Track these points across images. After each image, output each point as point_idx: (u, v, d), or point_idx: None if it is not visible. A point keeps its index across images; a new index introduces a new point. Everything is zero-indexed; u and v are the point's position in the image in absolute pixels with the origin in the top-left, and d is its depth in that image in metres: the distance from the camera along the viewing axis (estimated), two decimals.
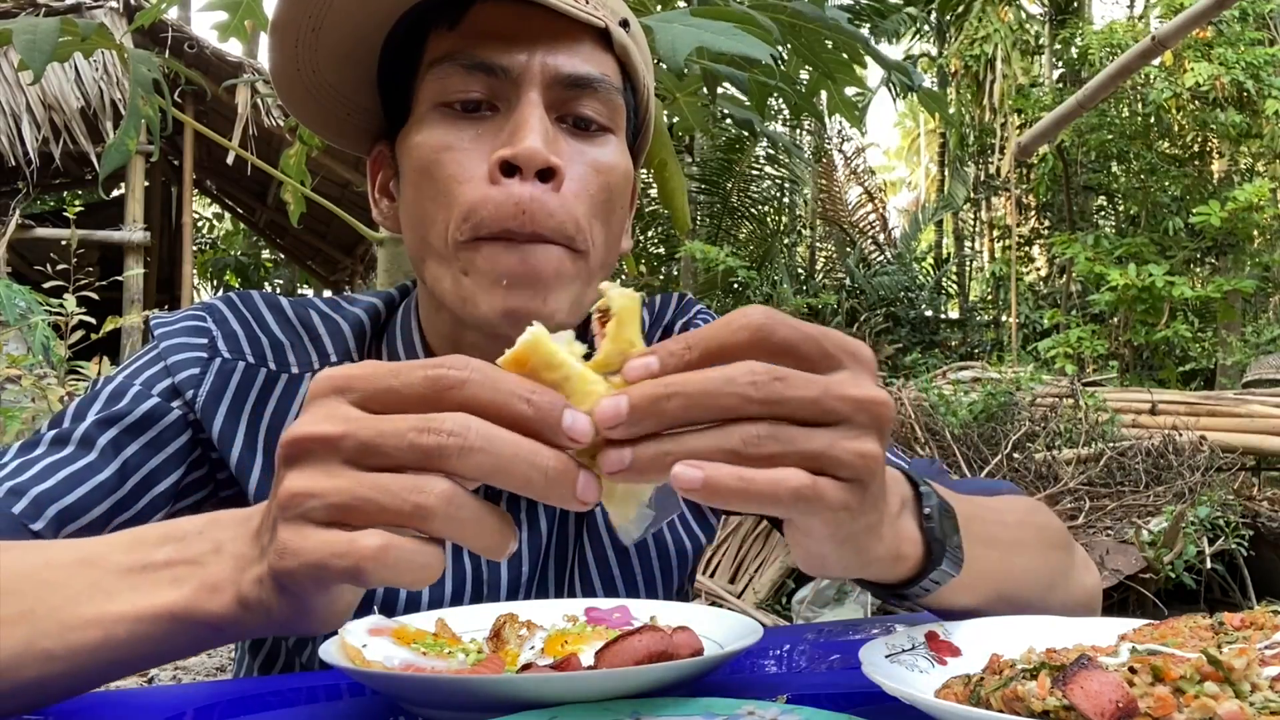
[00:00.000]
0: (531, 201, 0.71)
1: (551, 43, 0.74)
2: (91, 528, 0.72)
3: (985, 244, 15.55)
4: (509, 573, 0.83)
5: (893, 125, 29.04)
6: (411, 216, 0.77)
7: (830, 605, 3.76)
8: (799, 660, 0.82)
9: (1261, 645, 0.53)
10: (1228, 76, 8.90)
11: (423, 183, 0.75)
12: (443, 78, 0.74)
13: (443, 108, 0.74)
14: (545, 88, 0.73)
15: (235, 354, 0.81)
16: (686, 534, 0.91)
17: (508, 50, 0.73)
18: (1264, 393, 5.37)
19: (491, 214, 0.71)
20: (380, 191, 0.85)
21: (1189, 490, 4.19)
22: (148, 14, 1.73)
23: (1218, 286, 8.26)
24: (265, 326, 0.84)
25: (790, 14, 1.42)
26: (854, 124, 2.12)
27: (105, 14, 8.13)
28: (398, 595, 0.80)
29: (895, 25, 11.90)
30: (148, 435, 0.77)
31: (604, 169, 0.76)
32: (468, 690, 0.54)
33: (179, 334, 0.82)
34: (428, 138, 0.74)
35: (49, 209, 12.08)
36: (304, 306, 0.87)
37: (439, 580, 0.81)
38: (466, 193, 0.72)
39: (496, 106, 0.74)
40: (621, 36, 0.77)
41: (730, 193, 11.80)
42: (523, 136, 0.71)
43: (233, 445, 0.79)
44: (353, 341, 0.85)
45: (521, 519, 0.84)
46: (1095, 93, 4.71)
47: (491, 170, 0.71)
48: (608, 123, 0.77)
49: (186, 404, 0.79)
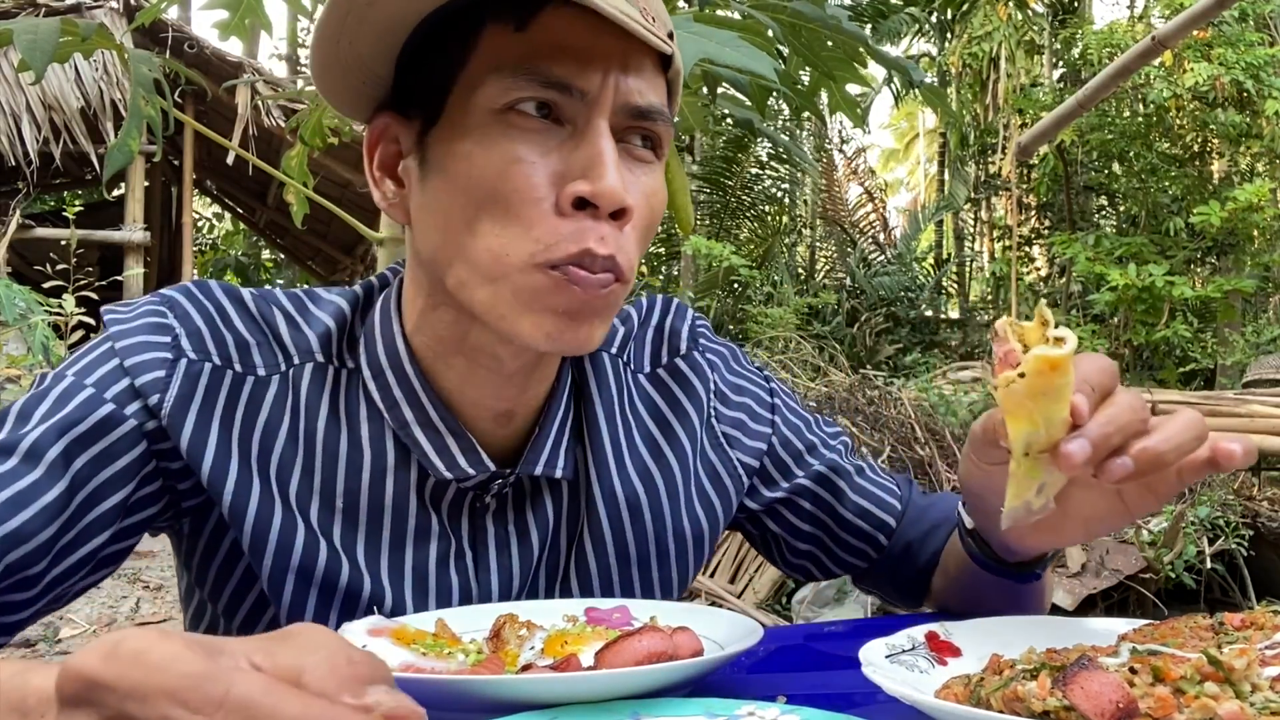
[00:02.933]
0: (603, 241, 0.69)
1: (622, 65, 0.71)
2: (36, 553, 0.68)
3: (985, 244, 15.55)
4: (499, 583, 0.82)
5: (881, 127, 29.07)
6: (445, 222, 0.72)
7: (830, 605, 3.76)
8: (799, 660, 0.82)
9: (1262, 645, 0.53)
10: (1227, 77, 8.89)
11: (479, 195, 0.70)
12: (509, 89, 0.69)
13: (507, 114, 0.70)
14: (613, 113, 0.71)
15: (201, 354, 0.76)
16: (694, 550, 0.90)
17: (583, 70, 0.69)
18: (1264, 393, 5.36)
19: (567, 249, 0.69)
20: (382, 169, 0.79)
21: (1189, 490, 4.18)
22: (147, 13, 1.73)
23: (1218, 287, 8.25)
24: (229, 323, 0.79)
25: (790, 14, 1.42)
26: (856, 123, 2.12)
27: (105, 14, 8.14)
28: (382, 601, 0.78)
29: (896, 25, 11.90)
30: (99, 446, 0.71)
31: (654, 200, 0.75)
32: (468, 691, 0.54)
33: (139, 331, 0.75)
34: (489, 149, 0.70)
35: (49, 209, 12.08)
36: (267, 302, 0.82)
37: (425, 592, 0.80)
38: (535, 219, 0.69)
39: (562, 121, 0.70)
40: (678, 60, 0.76)
41: (731, 192, 11.81)
42: (601, 174, 0.68)
43: (204, 454, 0.74)
44: (316, 343, 0.81)
45: (510, 530, 0.82)
46: (1095, 93, 4.70)
47: (564, 201, 0.69)
48: (658, 148, 0.75)
49: (149, 410, 0.73)
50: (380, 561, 0.79)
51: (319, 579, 0.76)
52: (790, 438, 0.94)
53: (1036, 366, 0.58)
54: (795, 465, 0.94)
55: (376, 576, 0.78)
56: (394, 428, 0.79)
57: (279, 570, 0.76)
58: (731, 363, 0.96)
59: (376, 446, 0.79)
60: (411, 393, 0.79)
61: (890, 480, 0.98)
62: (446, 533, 0.81)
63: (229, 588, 0.80)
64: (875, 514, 0.94)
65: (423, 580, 0.80)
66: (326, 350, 0.81)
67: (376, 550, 0.79)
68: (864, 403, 4.64)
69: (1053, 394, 0.59)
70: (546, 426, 0.82)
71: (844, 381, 5.28)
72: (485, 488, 0.81)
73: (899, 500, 0.96)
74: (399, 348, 0.79)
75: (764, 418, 0.94)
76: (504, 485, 0.81)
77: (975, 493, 0.78)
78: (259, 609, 0.80)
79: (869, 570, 0.97)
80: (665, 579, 0.89)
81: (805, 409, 0.99)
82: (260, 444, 0.77)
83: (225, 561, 0.80)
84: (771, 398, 0.96)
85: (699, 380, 0.93)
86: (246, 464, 0.76)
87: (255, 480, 0.76)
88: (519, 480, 0.82)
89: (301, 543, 0.76)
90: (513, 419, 0.81)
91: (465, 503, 0.81)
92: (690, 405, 0.92)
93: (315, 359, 0.80)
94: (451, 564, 0.80)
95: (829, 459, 0.94)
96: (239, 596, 0.81)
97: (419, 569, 0.79)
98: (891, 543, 0.95)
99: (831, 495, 0.94)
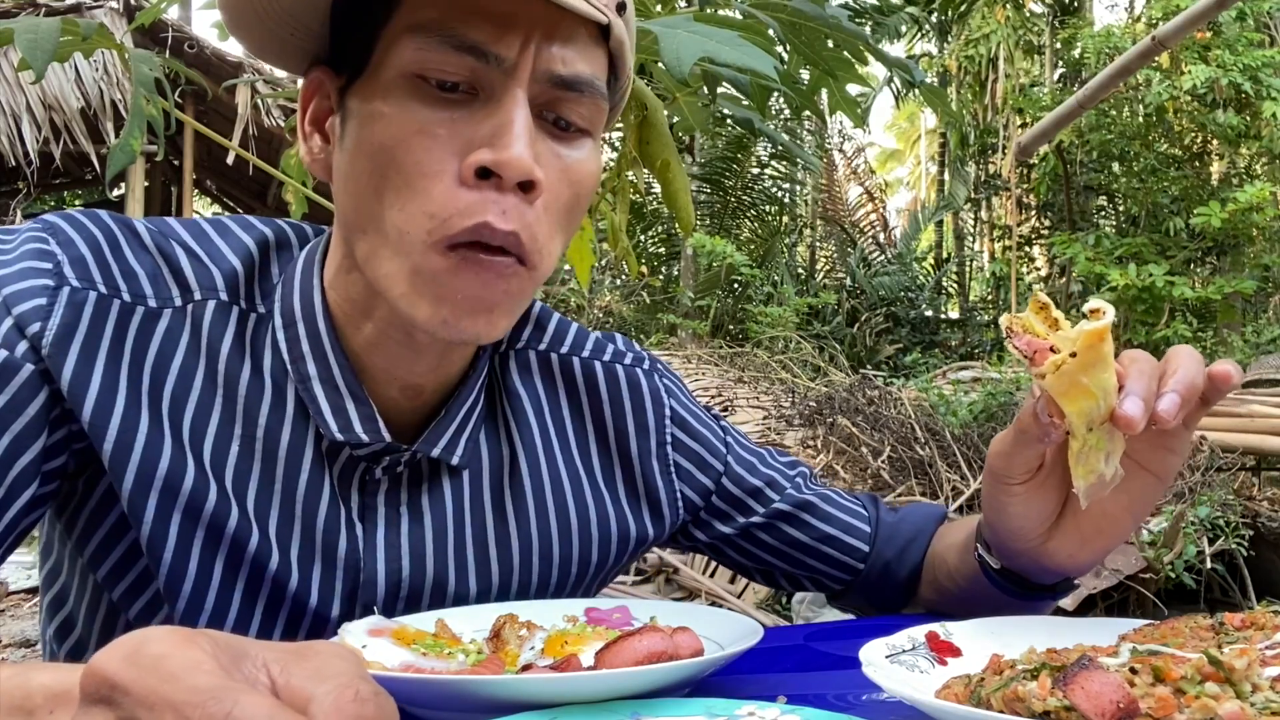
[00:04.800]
0: (504, 215, 0.66)
1: (548, 33, 0.67)
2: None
3: (985, 244, 15.55)
4: (385, 560, 0.78)
5: (885, 128, 29.07)
6: (356, 186, 0.70)
7: (830, 605, 3.76)
8: (799, 660, 0.82)
9: (1262, 645, 0.53)
10: (1225, 79, 8.88)
11: (382, 161, 0.67)
12: (422, 49, 0.66)
13: (417, 80, 0.67)
14: (533, 82, 0.67)
15: (85, 282, 0.70)
16: (614, 559, 0.89)
17: (502, 35, 0.66)
18: (1264, 393, 5.36)
19: (463, 224, 0.66)
20: (312, 124, 0.76)
21: (1189, 490, 4.18)
22: (148, 13, 1.73)
23: (1219, 288, 8.25)
24: (118, 250, 0.73)
25: (790, 13, 1.42)
26: (857, 123, 2.12)
27: (105, 14, 8.13)
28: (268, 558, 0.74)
29: (896, 25, 11.90)
30: (3, 399, 0.66)
31: (576, 177, 0.71)
32: (468, 691, 0.54)
33: (19, 259, 0.69)
34: (396, 113, 0.67)
35: (49, 209, 12.09)
36: (163, 233, 0.76)
37: (312, 552, 0.75)
38: (435, 191, 0.66)
39: (476, 91, 0.67)
40: (619, 30, 0.71)
41: (732, 192, 11.81)
42: (508, 143, 0.65)
43: (87, 392, 0.68)
44: (221, 280, 0.76)
45: (402, 510, 0.79)
46: (1095, 93, 4.70)
47: (465, 172, 0.66)
48: (587, 125, 0.72)
49: (33, 347, 0.67)
50: (271, 511, 0.75)
51: (205, 523, 0.72)
52: (743, 474, 0.93)
53: (1088, 341, 0.61)
54: (752, 502, 0.93)
55: (265, 528, 0.74)
56: (295, 381, 0.76)
57: (162, 516, 0.71)
58: (684, 398, 0.95)
59: (277, 395, 0.76)
60: (319, 348, 0.76)
61: (856, 503, 0.97)
62: (336, 498, 0.77)
63: (98, 536, 0.75)
64: (844, 540, 0.94)
65: (310, 539, 0.76)
66: (233, 290, 0.77)
67: (269, 497, 0.75)
68: (864, 403, 4.64)
69: (1102, 362, 0.62)
70: (454, 409, 0.79)
71: (844, 381, 5.28)
72: (378, 459, 0.77)
73: (867, 523, 0.96)
74: (314, 301, 0.76)
75: (719, 452, 0.93)
76: (397, 461, 0.78)
77: (1013, 526, 0.76)
78: (127, 562, 0.75)
79: (845, 591, 0.98)
80: (576, 582, 0.87)
81: (756, 445, 0.98)
82: (151, 377, 0.72)
83: (99, 506, 0.74)
84: (725, 435, 0.95)
85: (652, 401, 0.91)
86: (135, 399, 0.71)
87: (145, 416, 0.71)
88: (415, 460, 0.79)
89: (191, 483, 0.71)
90: (421, 394, 0.78)
91: (357, 472, 0.78)
92: (635, 421, 0.90)
93: (219, 297, 0.76)
94: (342, 531, 0.77)
95: (788, 494, 0.94)
96: (106, 548, 0.75)
97: (307, 526, 0.76)
98: (868, 566, 0.95)
99: (794, 528, 0.93)
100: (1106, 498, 0.70)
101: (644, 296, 11.27)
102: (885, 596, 0.96)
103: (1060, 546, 0.76)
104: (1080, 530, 0.75)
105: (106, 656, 0.38)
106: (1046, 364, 0.62)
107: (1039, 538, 0.76)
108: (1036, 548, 0.77)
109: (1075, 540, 0.76)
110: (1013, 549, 0.79)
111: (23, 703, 0.45)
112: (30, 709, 0.44)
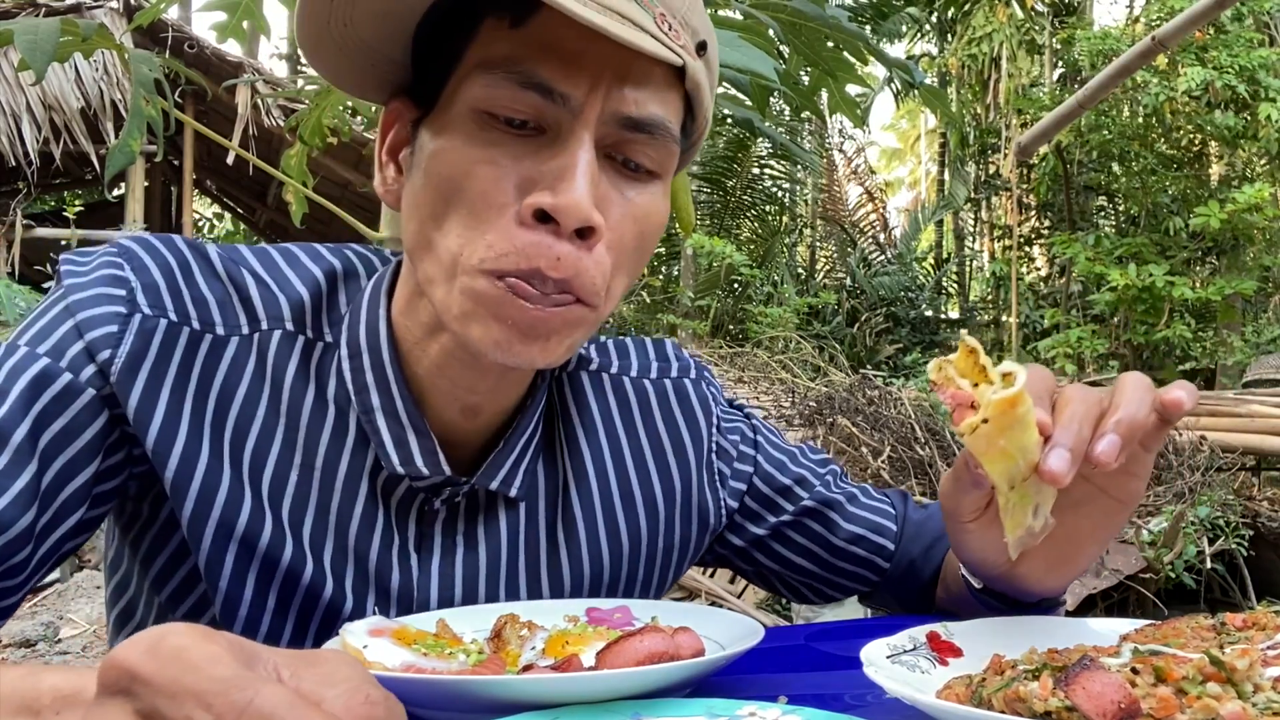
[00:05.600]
0: (560, 262, 0.65)
1: (620, 73, 0.66)
2: (17, 541, 0.66)
3: (985, 244, 15.55)
4: (438, 590, 0.79)
5: (882, 128, 29.08)
6: (422, 213, 0.70)
7: (831, 606, 3.76)
8: (800, 660, 0.82)
9: (1264, 646, 0.53)
10: (1220, 81, 8.88)
11: (447, 191, 0.68)
12: (490, 86, 0.66)
13: (485, 116, 0.67)
14: (601, 123, 0.67)
15: (156, 309, 0.71)
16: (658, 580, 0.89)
17: (570, 75, 0.65)
18: (1264, 393, 5.36)
19: (516, 265, 0.65)
20: (389, 154, 0.76)
21: (1189, 490, 4.18)
22: (147, 13, 1.73)
23: (1219, 288, 8.25)
24: (190, 277, 0.74)
25: (790, 13, 1.42)
26: (856, 123, 2.11)
27: (105, 14, 8.14)
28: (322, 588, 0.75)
29: (896, 25, 11.91)
30: (62, 421, 0.68)
31: (642, 218, 0.70)
32: (469, 691, 0.54)
33: (93, 284, 0.71)
34: (462, 145, 0.67)
35: (49, 209, 12.09)
36: (234, 260, 0.77)
37: (366, 582, 0.77)
38: (496, 224, 0.66)
39: (544, 129, 0.67)
40: (696, 73, 0.69)
41: (732, 191, 11.81)
42: (568, 188, 0.64)
43: (152, 420, 0.70)
44: (288, 310, 0.77)
45: (458, 540, 0.80)
46: (1095, 93, 4.71)
47: (525, 212, 0.65)
48: (657, 168, 0.71)
49: (101, 372, 0.69)
50: (326, 541, 0.76)
51: (261, 555, 0.73)
52: (774, 473, 0.93)
53: (998, 409, 0.59)
54: (782, 500, 0.93)
55: (320, 558, 0.75)
56: (359, 412, 0.77)
57: (219, 546, 0.72)
58: (722, 399, 0.95)
59: (339, 424, 0.77)
60: (383, 380, 0.76)
61: (884, 501, 0.96)
62: (391, 529, 0.78)
63: (161, 558, 0.77)
64: (871, 539, 0.93)
65: (364, 569, 0.77)
66: (299, 320, 0.78)
67: (324, 528, 0.76)
68: (864, 403, 4.64)
69: (1019, 425, 0.61)
70: (512, 441, 0.80)
71: (844, 381, 5.28)
72: (437, 491, 0.78)
73: (894, 521, 0.95)
74: (380, 330, 0.77)
75: (747, 455, 0.93)
76: (456, 494, 0.79)
77: (974, 558, 0.77)
78: (189, 586, 0.77)
79: (872, 592, 0.97)
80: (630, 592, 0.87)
81: (788, 443, 0.97)
82: (216, 405, 0.73)
83: (163, 530, 0.76)
84: (754, 434, 0.95)
85: (703, 410, 0.91)
86: (198, 428, 0.72)
87: (206, 446, 0.72)
88: (474, 492, 0.80)
89: (248, 516, 0.73)
90: (480, 414, 0.78)
91: (415, 504, 0.79)
92: (689, 432, 0.90)
93: (285, 327, 0.77)
94: (395, 561, 0.78)
95: (817, 491, 0.93)
96: (170, 569, 0.77)
97: (361, 556, 0.77)
98: (893, 564, 0.94)
99: (823, 528, 0.93)
100: (1070, 523, 0.70)
101: (644, 296, 11.27)
102: (910, 596, 0.95)
103: (1029, 573, 0.76)
104: (1046, 557, 0.74)
105: (126, 648, 0.38)
106: (964, 424, 0.60)
107: (1005, 566, 0.75)
108: (1005, 575, 0.77)
109: (1042, 567, 0.75)
110: (983, 575, 0.79)
111: (31, 703, 0.45)
112: (37, 710, 0.45)
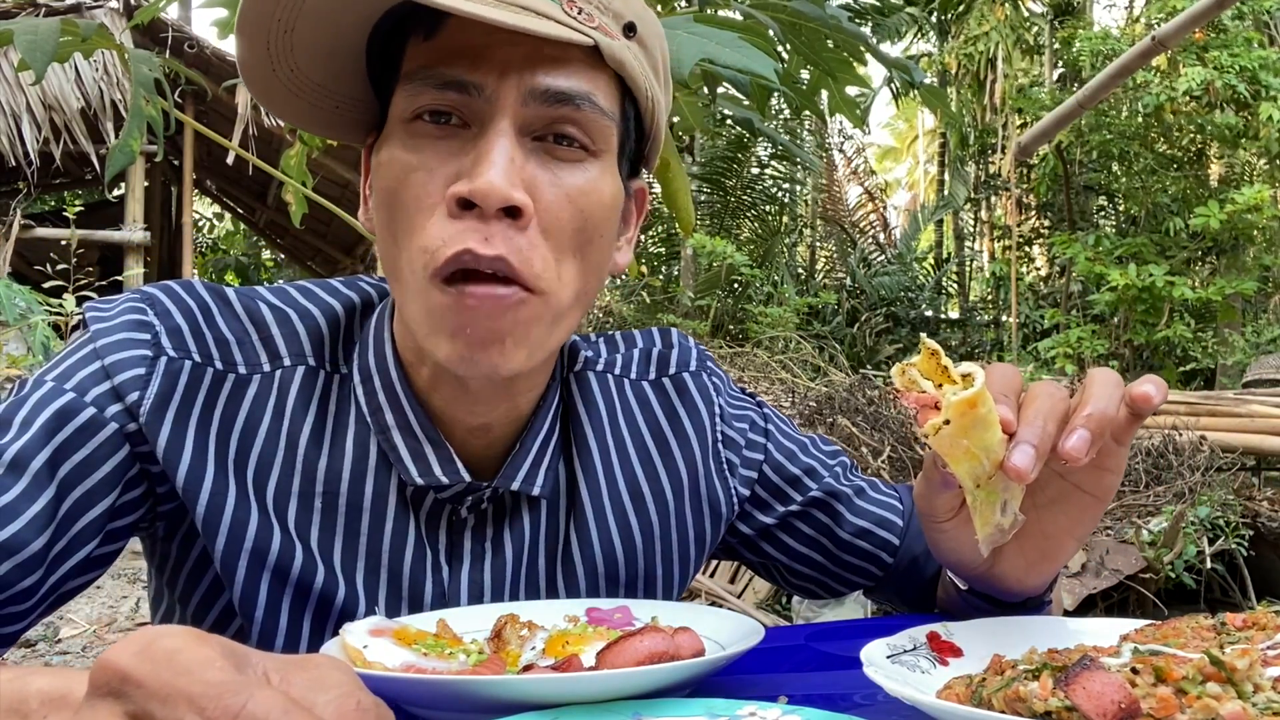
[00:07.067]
0: (487, 241, 0.66)
1: (530, 59, 0.68)
2: (29, 564, 0.67)
3: (985, 244, 15.54)
4: (469, 596, 0.80)
5: (880, 126, 29.08)
6: (380, 234, 0.73)
7: (830, 605, 3.76)
8: (800, 660, 0.82)
9: (1264, 646, 0.53)
10: (1220, 81, 8.87)
11: (390, 202, 0.70)
12: (413, 94, 0.69)
13: (412, 123, 0.69)
14: (520, 105, 0.68)
15: (181, 352, 0.74)
16: (679, 572, 0.89)
17: (478, 66, 0.68)
18: (1264, 393, 5.36)
19: (446, 253, 0.66)
20: (370, 188, 0.78)
21: (1189, 490, 4.18)
22: (146, 11, 1.73)
23: (1219, 288, 8.25)
24: (211, 320, 0.77)
25: (790, 13, 1.42)
26: (856, 124, 2.12)
27: (105, 14, 8.13)
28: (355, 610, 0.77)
29: (896, 25, 11.91)
30: (83, 453, 0.70)
31: (580, 197, 0.70)
32: (469, 691, 0.54)
33: (119, 329, 0.73)
34: (395, 156, 0.70)
35: (49, 209, 12.09)
36: (252, 299, 0.80)
37: (399, 598, 0.78)
38: (426, 225, 0.68)
39: (468, 123, 0.69)
40: (615, 50, 0.70)
41: (732, 192, 11.81)
42: (483, 170, 0.65)
43: (181, 457, 0.72)
44: (309, 345, 0.79)
45: (486, 545, 0.81)
46: (1095, 93, 4.71)
47: (449, 203, 0.67)
48: (590, 144, 0.71)
49: (128, 411, 0.71)
50: (357, 565, 0.77)
51: (294, 583, 0.75)
52: (784, 463, 0.93)
53: (958, 410, 0.60)
54: (791, 490, 0.93)
55: (352, 581, 0.77)
56: (376, 433, 0.78)
57: (252, 578, 0.74)
58: (728, 388, 0.96)
59: (359, 450, 0.78)
60: (394, 397, 0.78)
61: (893, 496, 0.96)
62: (422, 543, 0.79)
63: (197, 594, 0.79)
64: (876, 534, 0.93)
65: (397, 586, 0.78)
66: (319, 354, 0.80)
67: (354, 553, 0.77)
68: (864, 403, 4.64)
69: (981, 424, 0.61)
70: (528, 442, 0.81)
71: (844, 381, 5.28)
72: (461, 499, 0.79)
73: (901, 516, 0.95)
74: (386, 352, 0.79)
75: (757, 444, 0.93)
76: (480, 498, 0.80)
77: (951, 559, 0.77)
78: (225, 619, 0.78)
79: (876, 586, 0.97)
80: (647, 597, 0.87)
81: (800, 433, 0.97)
82: (239, 443, 0.75)
83: (195, 567, 0.78)
84: (765, 423, 0.95)
85: (703, 401, 0.92)
86: (223, 466, 0.74)
87: (232, 483, 0.74)
88: (498, 495, 0.81)
89: (278, 548, 0.74)
90: (489, 432, 0.79)
91: (443, 515, 0.80)
92: (691, 424, 0.90)
93: (308, 362, 0.79)
94: (428, 574, 0.79)
95: (825, 483, 0.93)
96: (206, 604, 0.79)
97: (394, 573, 0.78)
98: (896, 559, 0.94)
99: (830, 519, 0.93)
100: (1047, 520, 0.71)
101: (644, 296, 11.27)
102: (913, 593, 0.95)
103: (1008, 572, 0.76)
104: (1024, 555, 0.75)
105: (118, 651, 0.38)
106: (927, 426, 0.61)
107: (983, 565, 0.76)
108: (985, 574, 0.77)
109: (1020, 565, 0.76)
110: (964, 576, 0.79)
111: (18, 706, 0.45)
112: (25, 712, 0.45)
